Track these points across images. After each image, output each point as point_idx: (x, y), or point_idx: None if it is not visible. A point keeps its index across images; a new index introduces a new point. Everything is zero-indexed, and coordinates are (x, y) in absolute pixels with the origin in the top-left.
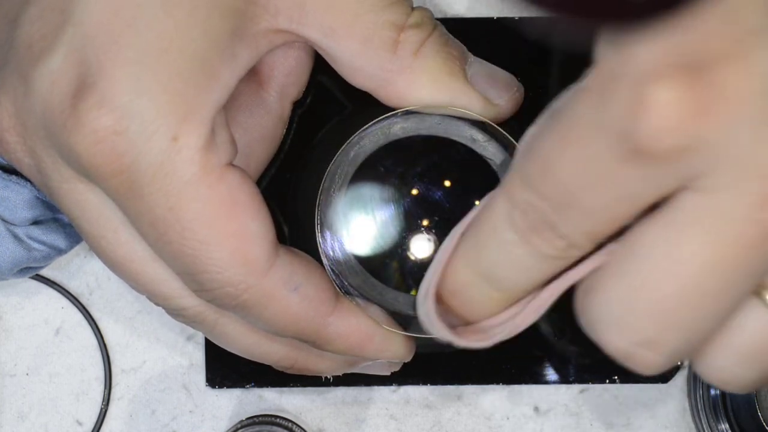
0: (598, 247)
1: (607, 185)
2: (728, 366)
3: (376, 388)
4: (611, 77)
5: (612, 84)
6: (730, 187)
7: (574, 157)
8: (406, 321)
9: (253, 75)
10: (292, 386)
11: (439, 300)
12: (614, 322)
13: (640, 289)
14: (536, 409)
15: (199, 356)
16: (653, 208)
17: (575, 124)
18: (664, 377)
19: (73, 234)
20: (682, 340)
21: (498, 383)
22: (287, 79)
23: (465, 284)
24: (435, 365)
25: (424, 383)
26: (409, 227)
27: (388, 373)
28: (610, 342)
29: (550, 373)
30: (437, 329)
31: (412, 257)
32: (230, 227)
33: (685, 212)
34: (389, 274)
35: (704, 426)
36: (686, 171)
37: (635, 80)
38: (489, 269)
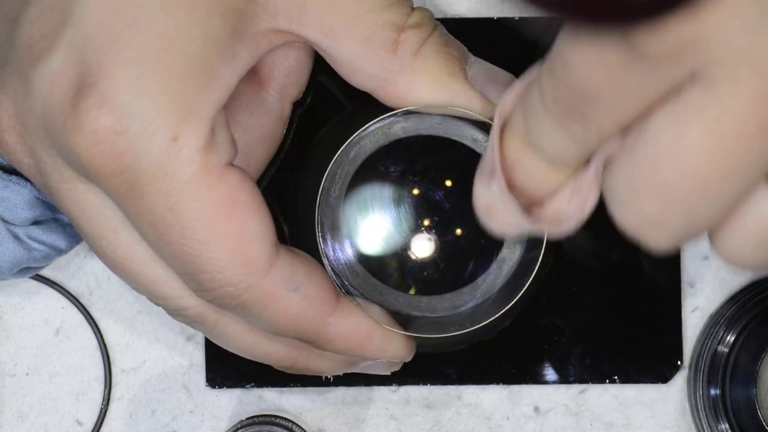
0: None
1: (619, 83)
2: (741, 249)
3: (376, 388)
4: None
5: None
6: (730, 80)
7: (586, 58)
8: (407, 321)
9: (253, 75)
10: (292, 386)
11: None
12: (623, 200)
13: (646, 170)
14: (536, 409)
15: (199, 356)
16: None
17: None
18: (664, 377)
19: (73, 234)
20: (686, 221)
21: (498, 383)
22: (287, 78)
23: (521, 155)
24: (435, 365)
25: (424, 383)
26: (410, 227)
27: (389, 373)
28: (620, 218)
29: (550, 373)
30: (510, 207)
31: (413, 257)
32: (230, 227)
33: (689, 103)
34: (390, 274)
35: (704, 426)
36: (690, 65)
37: None
38: (537, 142)
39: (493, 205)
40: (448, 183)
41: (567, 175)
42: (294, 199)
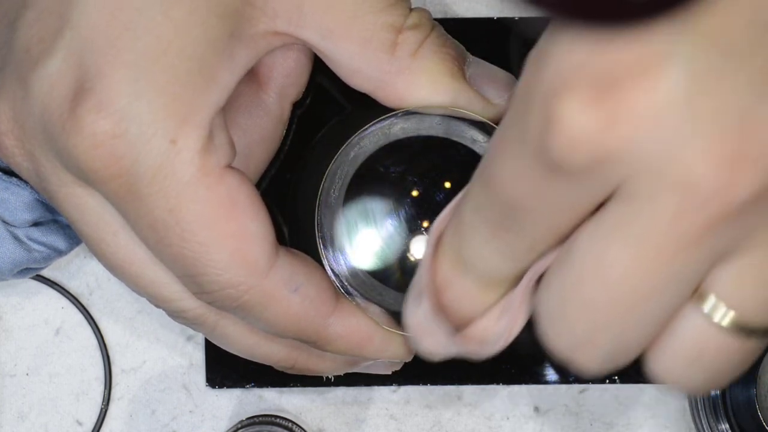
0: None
1: (543, 196)
2: (672, 369)
3: (376, 388)
4: (528, 90)
5: (528, 97)
6: (648, 196)
7: (509, 169)
8: None
9: (252, 76)
10: (292, 386)
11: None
12: (551, 321)
13: (572, 290)
14: (536, 409)
15: (199, 356)
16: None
17: (505, 138)
18: None
19: (73, 235)
20: (614, 342)
21: (498, 383)
22: (286, 80)
23: (451, 276)
24: (435, 365)
25: (424, 383)
26: (409, 228)
27: (389, 372)
28: (549, 339)
29: (550, 373)
30: (438, 329)
31: (412, 258)
32: (230, 228)
33: (611, 219)
34: (389, 275)
35: (704, 426)
36: (610, 179)
37: (545, 95)
38: (468, 260)
39: (421, 326)
40: (448, 184)
41: (498, 295)
42: (294, 199)
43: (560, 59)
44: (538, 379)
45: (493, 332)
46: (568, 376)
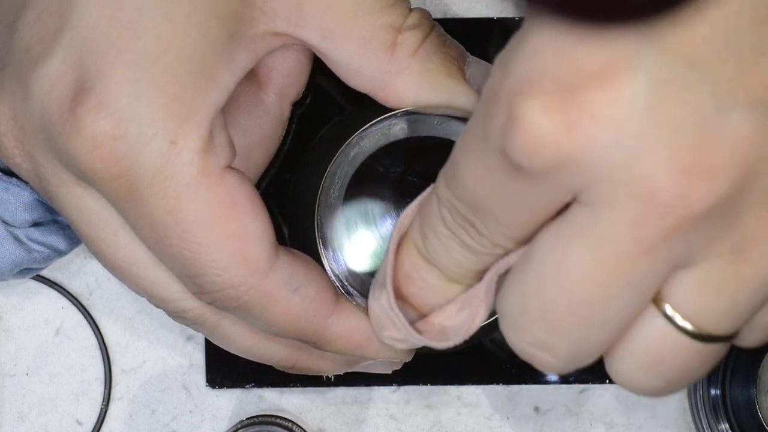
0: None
1: (504, 195)
2: (632, 372)
3: (376, 388)
4: (494, 90)
5: (494, 97)
6: (607, 203)
7: (473, 167)
8: None
9: (251, 76)
10: (292, 386)
11: (396, 293)
12: (512, 321)
13: (533, 291)
14: (536, 409)
15: (199, 356)
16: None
17: (471, 136)
18: None
19: (73, 236)
20: (574, 345)
21: (498, 383)
22: (286, 80)
23: (415, 268)
24: (435, 365)
25: (424, 383)
26: None
27: (390, 372)
28: (510, 339)
29: (550, 373)
30: (396, 320)
31: None
32: (229, 229)
33: (572, 223)
34: None
35: (704, 426)
36: (569, 185)
37: (509, 95)
38: (432, 254)
39: (382, 316)
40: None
41: (459, 289)
42: (293, 199)
43: (527, 61)
44: (538, 379)
45: (453, 325)
46: (568, 376)
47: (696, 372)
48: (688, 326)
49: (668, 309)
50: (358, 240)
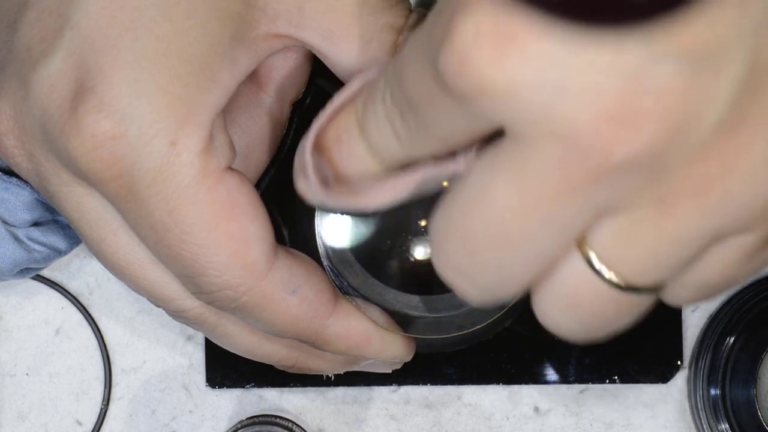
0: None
1: (433, 103)
2: (552, 311)
3: (376, 388)
4: (446, 2)
5: (442, 8)
6: (532, 141)
7: (413, 64)
8: (406, 321)
9: (251, 77)
10: (292, 386)
11: (319, 150)
12: (437, 244)
13: (456, 217)
14: (536, 409)
15: (199, 356)
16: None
17: (420, 32)
18: (664, 377)
19: (73, 235)
20: (493, 277)
21: (498, 383)
22: (286, 80)
23: (348, 133)
24: (435, 365)
25: (424, 383)
26: (409, 227)
27: (390, 371)
28: (435, 262)
29: (550, 373)
30: (308, 173)
31: (412, 258)
32: (229, 230)
33: (500, 154)
34: (389, 275)
35: (704, 426)
36: (493, 115)
37: (454, 6)
38: (365, 128)
39: (301, 164)
40: (447, 183)
41: (381, 169)
42: (293, 200)
43: None
44: (538, 379)
45: (366, 191)
46: (568, 376)
47: (613, 320)
48: (605, 272)
49: (590, 253)
50: (357, 240)
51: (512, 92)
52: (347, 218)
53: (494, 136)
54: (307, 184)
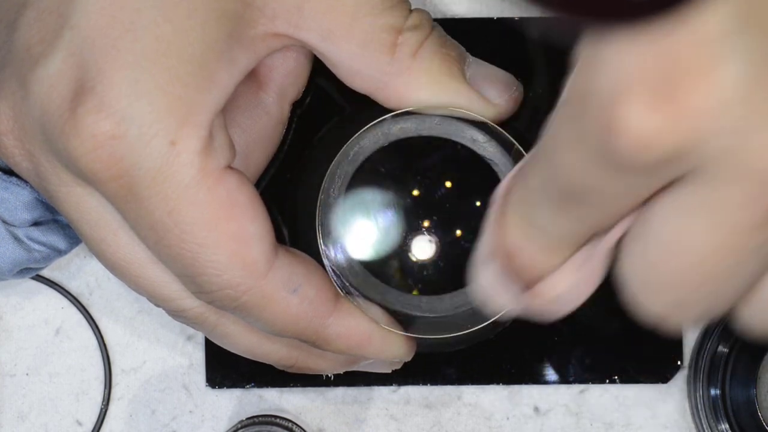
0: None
1: (609, 186)
2: (759, 318)
3: (376, 388)
4: (583, 94)
5: (584, 101)
6: (721, 180)
7: (571, 161)
8: (407, 321)
9: (251, 76)
10: (292, 386)
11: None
12: (641, 290)
13: (657, 261)
14: (536, 409)
15: (199, 356)
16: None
17: (563, 135)
18: (664, 377)
19: (73, 235)
20: (705, 304)
21: (498, 383)
22: (286, 80)
23: (521, 242)
24: (435, 365)
25: (424, 383)
26: (410, 228)
27: (390, 371)
28: (640, 307)
29: (550, 373)
30: (509, 288)
31: (413, 258)
32: (229, 230)
33: (691, 195)
34: (390, 275)
35: (704, 426)
36: (681, 169)
37: (605, 101)
38: (538, 224)
39: (492, 287)
40: (448, 183)
41: (568, 255)
42: (294, 199)
43: (615, 63)
44: (538, 379)
45: (565, 289)
46: (568, 376)
47: None
48: None
49: None
50: (358, 240)
51: (699, 144)
52: (347, 218)
53: None
54: (509, 297)
